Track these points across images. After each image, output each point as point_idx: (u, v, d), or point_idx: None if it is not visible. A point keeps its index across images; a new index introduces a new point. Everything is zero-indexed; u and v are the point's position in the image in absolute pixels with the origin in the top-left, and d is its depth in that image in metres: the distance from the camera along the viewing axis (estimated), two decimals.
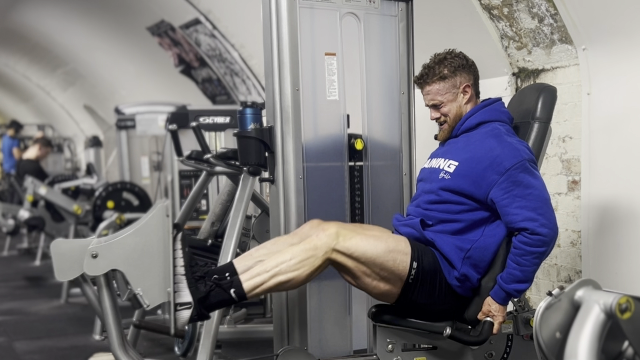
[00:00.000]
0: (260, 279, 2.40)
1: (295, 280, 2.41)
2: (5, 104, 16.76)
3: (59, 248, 2.39)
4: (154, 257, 2.38)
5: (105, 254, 2.36)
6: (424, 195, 2.67)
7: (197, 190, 3.87)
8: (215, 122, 4.92)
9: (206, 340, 2.65)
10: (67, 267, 2.39)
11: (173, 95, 8.05)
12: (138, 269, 2.37)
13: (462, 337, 2.54)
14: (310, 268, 2.39)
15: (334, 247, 2.39)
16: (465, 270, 2.51)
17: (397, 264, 2.45)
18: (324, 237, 2.40)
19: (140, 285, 2.37)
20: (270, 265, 2.40)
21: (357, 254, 2.41)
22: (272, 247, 2.57)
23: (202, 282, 2.40)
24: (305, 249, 2.40)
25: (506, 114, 2.69)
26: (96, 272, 2.38)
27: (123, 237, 2.39)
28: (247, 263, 2.50)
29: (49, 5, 8.82)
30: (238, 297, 2.40)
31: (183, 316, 2.37)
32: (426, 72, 2.67)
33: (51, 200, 6.40)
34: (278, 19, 2.75)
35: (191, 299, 2.36)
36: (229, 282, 2.41)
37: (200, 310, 2.38)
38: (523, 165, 2.48)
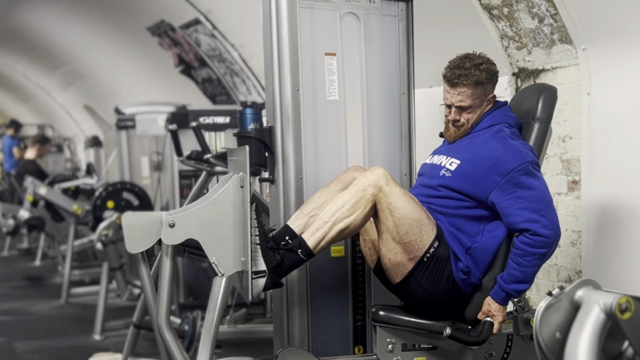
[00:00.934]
0: (321, 233, 2.47)
1: (354, 224, 2.46)
2: (5, 104, 16.75)
3: (130, 220, 2.44)
4: (229, 227, 2.44)
5: (182, 223, 2.42)
6: (422, 188, 2.68)
7: (197, 190, 3.87)
8: (215, 122, 4.92)
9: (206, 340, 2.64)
10: (139, 239, 2.44)
11: (173, 95, 8.05)
12: (213, 238, 2.44)
13: (462, 337, 2.54)
14: (363, 210, 2.45)
15: (381, 187, 2.43)
16: (469, 262, 2.52)
17: (422, 235, 2.47)
18: (372, 177, 2.45)
19: (215, 254, 2.44)
20: (327, 216, 2.47)
21: (394, 205, 2.44)
22: (319, 199, 2.64)
23: (275, 251, 2.48)
24: (354, 192, 2.46)
25: (514, 119, 2.69)
26: (174, 241, 2.43)
27: (199, 207, 2.44)
28: (302, 221, 2.59)
29: (49, 5, 8.81)
30: (306, 255, 2.48)
31: (259, 284, 2.44)
32: (463, 74, 2.59)
33: (51, 200, 6.40)
34: (278, 19, 2.75)
35: (265, 267, 2.44)
36: (297, 243, 2.49)
37: (273, 278, 2.46)
38: (526, 168, 2.48)
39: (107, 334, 4.91)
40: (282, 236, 2.55)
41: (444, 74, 2.65)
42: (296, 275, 2.76)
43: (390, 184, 2.45)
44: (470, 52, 2.67)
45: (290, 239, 2.53)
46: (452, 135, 2.71)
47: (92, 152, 8.99)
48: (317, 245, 2.48)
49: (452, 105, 2.65)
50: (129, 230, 2.44)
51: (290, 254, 2.49)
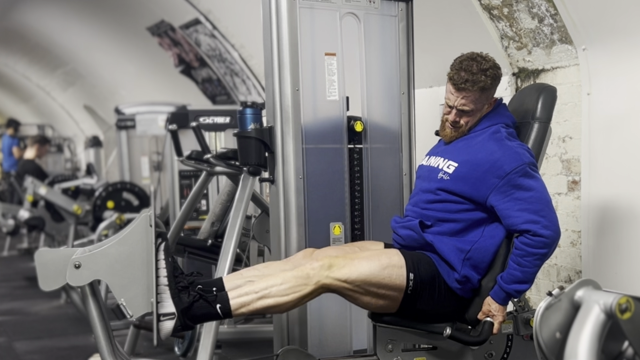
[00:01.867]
0: (247, 299, 2.38)
1: (283, 306, 2.41)
2: (5, 104, 16.76)
3: (43, 258, 2.36)
4: (138, 267, 2.35)
5: (88, 264, 2.33)
6: (421, 194, 2.66)
7: (197, 190, 3.87)
8: (215, 122, 4.92)
9: (206, 340, 2.65)
10: (51, 277, 2.36)
11: (173, 95, 8.05)
12: (121, 279, 2.35)
13: (462, 337, 2.54)
14: (299, 295, 2.38)
15: (327, 276, 2.39)
16: (465, 271, 2.51)
17: (394, 279, 2.44)
18: (317, 267, 2.40)
19: (123, 295, 2.34)
20: (260, 287, 2.39)
21: (351, 278, 2.40)
22: (264, 269, 2.57)
23: (186, 292, 2.37)
24: (297, 276, 2.39)
25: (511, 118, 2.68)
26: (79, 283, 2.35)
27: (106, 247, 2.36)
28: (237, 282, 2.49)
29: (49, 5, 8.81)
30: (223, 313, 2.38)
31: (166, 327, 2.34)
32: (470, 79, 2.55)
33: (51, 200, 6.40)
34: (278, 19, 2.75)
35: (175, 310, 2.33)
36: (214, 297, 2.38)
37: (184, 321, 2.35)
38: (523, 169, 2.47)
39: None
40: (211, 286, 2.46)
41: (450, 75, 2.60)
42: None
43: (337, 267, 2.40)
44: (476, 53, 2.62)
45: (217, 291, 2.43)
46: (448, 135, 2.68)
47: (92, 152, 8.98)
48: (238, 309, 2.39)
49: (454, 107, 2.62)
50: (41, 267, 2.36)
51: (204, 303, 2.37)
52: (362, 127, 2.88)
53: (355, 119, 2.89)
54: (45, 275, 2.36)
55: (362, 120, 2.90)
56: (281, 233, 2.79)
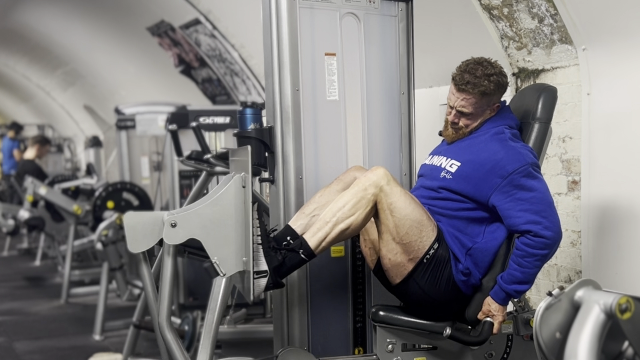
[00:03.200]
0: (322, 233, 2.46)
1: (355, 224, 2.46)
2: (5, 104, 16.76)
3: (132, 220, 2.44)
4: (231, 227, 2.44)
5: (183, 223, 2.41)
6: (423, 190, 2.67)
7: (197, 190, 3.87)
8: (215, 122, 4.92)
9: (206, 340, 2.64)
10: (141, 238, 2.44)
11: (173, 95, 8.05)
12: (215, 238, 2.43)
13: (462, 337, 2.54)
14: (364, 210, 2.44)
15: (382, 186, 2.43)
16: (468, 264, 2.52)
17: (422, 236, 2.47)
18: (373, 177, 2.45)
19: (217, 254, 2.43)
20: (328, 216, 2.46)
21: (394, 205, 2.44)
22: (320, 199, 2.63)
23: (276, 251, 2.47)
24: (355, 192, 2.46)
25: (514, 120, 2.69)
26: (175, 241, 2.43)
27: (200, 207, 2.44)
28: (303, 222, 2.59)
29: (49, 5, 8.82)
30: (307, 255, 2.48)
31: (260, 284, 2.44)
32: (472, 81, 2.56)
33: (51, 201, 6.40)
34: (278, 19, 2.75)
35: (267, 268, 2.43)
36: (298, 244, 2.48)
37: (275, 278, 2.45)
38: (526, 170, 2.47)
39: (107, 334, 4.91)
40: (284, 236, 2.55)
41: (454, 76, 2.62)
42: (296, 276, 2.76)
43: (392, 184, 2.45)
44: (485, 58, 2.63)
45: (291, 239, 2.53)
46: (450, 136, 2.71)
47: (92, 152, 8.99)
48: (318, 246, 2.48)
49: (454, 108, 2.64)
50: (130, 230, 2.44)
51: (292, 254, 2.48)
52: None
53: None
54: (134, 237, 2.44)
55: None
56: None
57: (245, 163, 2.48)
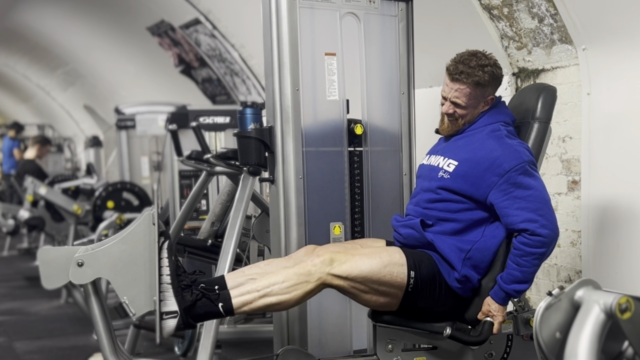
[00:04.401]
0: (249, 297, 2.39)
1: (285, 304, 2.41)
2: (5, 104, 16.76)
3: (46, 256, 2.36)
4: (140, 266, 2.35)
5: (91, 263, 2.33)
6: (422, 193, 2.66)
7: (197, 190, 3.87)
8: (215, 122, 4.92)
9: (206, 340, 2.65)
10: (54, 275, 2.36)
11: (173, 95, 8.05)
12: (124, 277, 2.35)
13: (462, 337, 2.54)
14: (301, 292, 2.39)
15: (328, 272, 2.39)
16: (465, 271, 2.51)
17: (395, 276, 2.44)
18: (318, 263, 2.40)
19: (126, 294, 2.35)
20: (262, 284, 2.39)
21: (352, 275, 2.40)
22: (265, 267, 2.57)
23: (189, 290, 2.37)
24: (298, 273, 2.40)
25: (510, 116, 2.68)
26: (82, 281, 2.35)
27: (109, 245, 2.36)
28: (239, 280, 2.48)
29: (49, 5, 8.82)
30: (225, 311, 2.38)
31: (169, 325, 2.34)
32: (466, 71, 2.56)
33: (51, 200, 6.40)
34: (278, 19, 2.75)
35: (177, 308, 2.34)
36: (216, 295, 2.39)
37: (186, 319, 2.35)
38: (523, 167, 2.47)
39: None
40: (213, 284, 2.45)
41: (447, 66, 2.61)
42: None
43: (338, 263, 2.40)
44: (480, 50, 2.63)
45: (219, 289, 2.42)
46: (445, 129, 2.69)
47: (92, 152, 8.99)
48: (240, 307, 2.39)
49: (448, 99, 2.63)
50: (44, 265, 2.36)
51: (207, 302, 2.38)
52: (362, 130, 2.88)
53: (356, 122, 2.89)
54: (48, 273, 2.37)
55: (362, 123, 2.90)
56: (281, 233, 2.79)
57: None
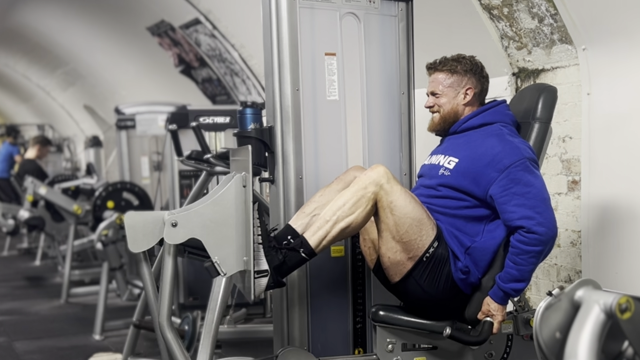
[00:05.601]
0: (323, 232, 2.46)
1: (355, 223, 2.46)
2: (5, 104, 16.76)
3: (132, 219, 2.44)
4: (231, 227, 2.44)
5: (184, 223, 2.41)
6: (422, 189, 2.68)
7: (197, 190, 3.87)
8: (215, 122, 4.92)
9: (206, 340, 2.64)
10: (141, 238, 2.44)
11: (173, 95, 8.05)
12: (216, 237, 2.43)
13: (462, 337, 2.54)
14: (364, 208, 2.44)
15: (382, 185, 2.43)
16: (468, 262, 2.52)
17: (422, 235, 2.47)
18: (373, 175, 2.45)
19: (217, 254, 2.43)
20: (328, 215, 2.46)
21: (394, 203, 2.44)
22: (320, 198, 2.64)
23: (275, 250, 2.47)
24: (355, 190, 2.46)
25: (510, 117, 2.70)
26: (176, 240, 2.43)
27: (201, 206, 2.44)
28: (303, 221, 2.59)
29: (49, 5, 8.82)
30: (308, 254, 2.48)
31: (261, 284, 2.43)
32: (440, 61, 2.72)
33: (51, 200, 6.39)
34: (278, 19, 2.75)
35: (268, 267, 2.43)
36: (299, 242, 2.48)
37: (276, 277, 2.46)
38: (523, 163, 2.48)
39: (107, 334, 4.91)
40: (284, 236, 2.56)
41: (426, 64, 2.77)
42: (296, 275, 2.76)
43: (392, 182, 2.45)
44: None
45: (292, 238, 2.53)
46: (432, 125, 2.78)
47: (92, 152, 8.98)
48: (319, 245, 2.48)
49: (428, 93, 2.76)
50: (131, 229, 2.44)
51: (293, 253, 2.48)
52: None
53: None
54: (134, 237, 2.44)
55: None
56: None
57: (246, 163, 2.48)
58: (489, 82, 2.76)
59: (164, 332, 2.52)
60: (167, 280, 2.51)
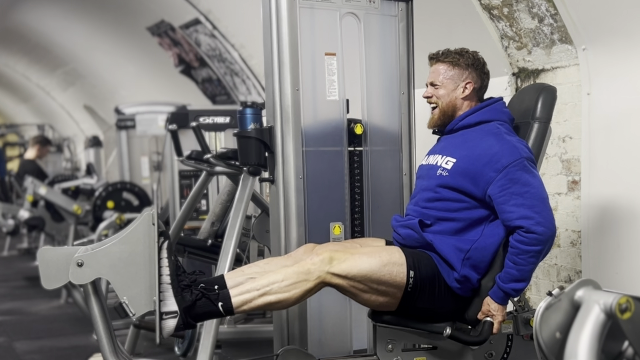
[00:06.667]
0: (249, 296, 2.39)
1: (285, 302, 2.41)
2: (5, 104, 16.75)
3: (45, 256, 2.36)
4: (140, 266, 2.35)
5: (90, 263, 2.33)
6: (422, 192, 2.67)
7: (197, 190, 3.87)
8: (215, 122, 4.92)
9: (206, 340, 2.65)
10: (54, 275, 2.36)
11: (173, 95, 8.05)
12: (124, 277, 2.35)
13: (462, 337, 2.54)
14: (301, 291, 2.39)
15: (327, 271, 2.38)
16: (465, 272, 2.50)
17: (394, 275, 2.44)
18: (318, 262, 2.40)
19: (126, 294, 2.35)
20: (262, 283, 2.39)
21: (351, 274, 2.40)
22: (265, 266, 2.57)
23: (189, 290, 2.37)
24: (297, 272, 2.39)
25: (507, 114, 2.69)
26: (82, 281, 2.35)
27: (109, 245, 2.36)
28: (238, 279, 2.49)
29: (49, 5, 8.81)
30: (225, 310, 2.39)
31: (169, 325, 2.34)
32: (443, 52, 2.71)
33: (51, 200, 6.39)
34: (278, 19, 2.75)
35: (177, 308, 2.34)
36: (216, 294, 2.39)
37: (186, 319, 2.35)
38: (521, 163, 2.48)
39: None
40: (212, 284, 2.45)
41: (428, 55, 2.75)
42: None
43: (337, 261, 2.40)
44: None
45: (219, 289, 2.43)
46: (431, 121, 2.74)
47: (92, 152, 8.98)
48: (240, 306, 2.39)
49: (427, 83, 2.73)
50: (43, 265, 2.35)
51: (207, 301, 2.38)
52: (362, 130, 2.88)
53: (356, 122, 2.89)
54: (47, 273, 2.36)
55: (362, 123, 2.90)
56: (281, 233, 2.79)
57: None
58: (489, 79, 2.75)
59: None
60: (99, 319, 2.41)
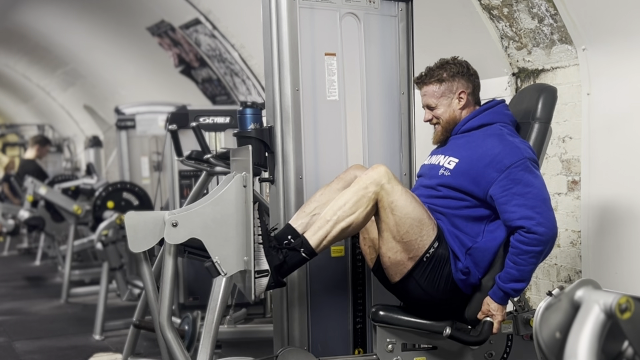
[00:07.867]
0: (323, 232, 2.46)
1: (355, 223, 2.46)
2: (5, 104, 16.75)
3: (133, 220, 2.45)
4: (232, 227, 2.45)
5: (185, 223, 2.42)
6: (422, 189, 2.68)
7: (197, 190, 3.87)
8: (215, 122, 4.92)
9: (206, 340, 2.64)
10: (141, 238, 2.45)
11: (173, 95, 8.05)
12: (216, 238, 2.44)
13: (462, 337, 2.54)
14: (364, 208, 2.44)
15: (383, 185, 2.43)
16: (468, 263, 2.52)
17: (422, 235, 2.47)
18: (374, 175, 2.45)
19: (218, 254, 2.44)
20: (328, 215, 2.46)
21: (395, 203, 2.44)
22: (320, 198, 2.64)
23: (276, 250, 2.48)
24: (356, 190, 2.45)
25: (509, 117, 2.70)
26: (177, 240, 2.44)
27: (202, 206, 2.44)
28: (303, 221, 2.59)
29: (49, 5, 8.81)
30: (308, 254, 2.48)
31: (262, 283, 2.44)
32: (425, 74, 2.72)
33: (51, 200, 6.39)
34: (278, 19, 2.75)
35: (268, 267, 2.44)
36: (299, 243, 2.48)
37: (276, 277, 2.46)
38: (524, 163, 2.48)
39: (107, 334, 4.91)
40: (285, 235, 2.56)
41: (415, 81, 2.78)
42: (296, 275, 2.76)
43: (393, 182, 2.45)
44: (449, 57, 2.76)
45: (292, 238, 2.54)
46: (435, 137, 2.78)
47: (92, 152, 8.98)
48: (319, 244, 2.48)
49: (424, 107, 2.75)
50: (131, 229, 2.45)
51: (293, 253, 2.49)
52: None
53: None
54: (135, 237, 2.45)
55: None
56: None
57: (247, 162, 2.49)
58: (479, 77, 2.77)
59: (165, 332, 2.52)
60: (167, 280, 2.51)
